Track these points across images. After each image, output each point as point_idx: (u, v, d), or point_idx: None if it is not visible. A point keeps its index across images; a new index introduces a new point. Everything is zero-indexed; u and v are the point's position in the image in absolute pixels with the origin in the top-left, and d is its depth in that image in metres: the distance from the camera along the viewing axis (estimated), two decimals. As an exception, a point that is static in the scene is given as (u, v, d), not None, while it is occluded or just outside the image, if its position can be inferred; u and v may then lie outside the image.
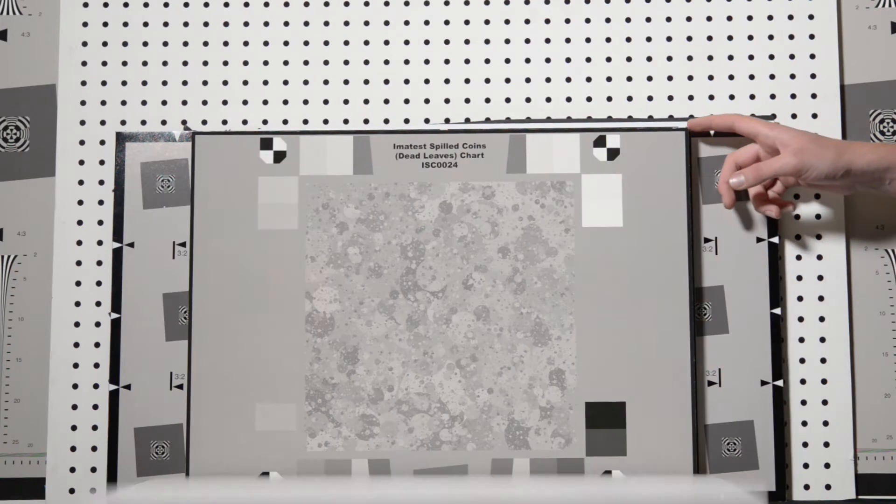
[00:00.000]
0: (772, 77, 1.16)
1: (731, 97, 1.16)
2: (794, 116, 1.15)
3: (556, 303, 1.11)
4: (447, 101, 1.17)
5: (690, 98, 1.16)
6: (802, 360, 1.13)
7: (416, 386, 1.11)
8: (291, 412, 1.10)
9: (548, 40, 1.17)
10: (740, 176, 1.07)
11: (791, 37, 1.16)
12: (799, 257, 1.14)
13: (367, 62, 1.18)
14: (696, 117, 1.14)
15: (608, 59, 1.17)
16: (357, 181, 1.12)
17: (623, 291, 1.11)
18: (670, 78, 1.17)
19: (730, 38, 1.17)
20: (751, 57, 1.16)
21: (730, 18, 1.17)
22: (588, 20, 1.17)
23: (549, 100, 1.17)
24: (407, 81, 1.17)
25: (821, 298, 1.14)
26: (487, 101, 1.17)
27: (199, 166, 1.12)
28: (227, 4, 1.18)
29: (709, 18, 1.17)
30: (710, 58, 1.17)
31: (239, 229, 1.12)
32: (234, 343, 1.11)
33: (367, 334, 1.11)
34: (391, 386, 1.11)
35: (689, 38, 1.17)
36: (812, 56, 1.16)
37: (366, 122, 1.17)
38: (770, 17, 1.17)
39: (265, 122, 1.17)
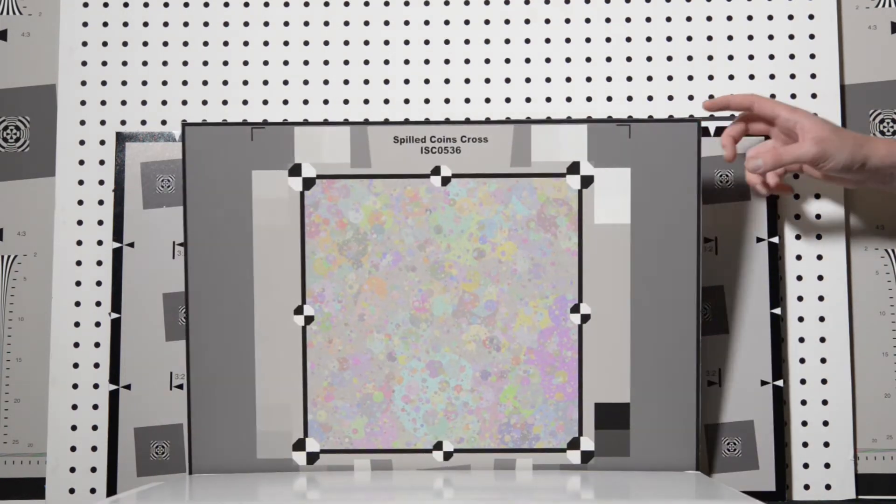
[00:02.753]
0: (772, 77, 1.16)
1: (731, 97, 1.16)
2: (794, 116, 1.16)
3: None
4: (447, 101, 1.17)
5: (690, 98, 1.16)
6: (802, 360, 1.13)
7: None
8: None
9: (548, 40, 1.18)
10: (758, 160, 1.05)
11: (791, 37, 1.16)
12: (799, 257, 1.14)
13: (367, 62, 1.18)
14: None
15: (608, 59, 1.17)
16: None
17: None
18: (670, 78, 1.17)
19: (730, 38, 1.17)
20: (751, 57, 1.16)
21: (730, 18, 1.17)
22: (588, 20, 1.18)
23: (549, 100, 1.17)
24: (407, 81, 1.17)
25: (821, 298, 1.14)
26: (487, 101, 1.17)
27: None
28: (227, 4, 1.18)
29: (709, 18, 1.17)
30: (710, 58, 1.17)
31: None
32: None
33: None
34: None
35: (689, 38, 1.17)
36: (812, 56, 1.16)
37: (366, 122, 1.16)
38: (770, 17, 1.17)
39: (265, 121, 1.16)
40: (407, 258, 1.11)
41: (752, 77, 1.16)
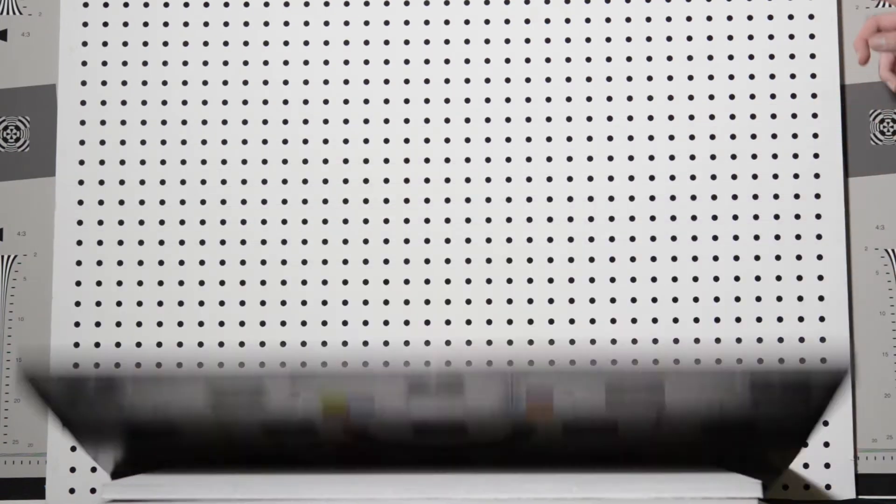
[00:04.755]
0: (772, 77, 1.16)
1: (732, 97, 1.16)
2: (794, 116, 1.15)
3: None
4: (447, 100, 1.17)
5: (690, 98, 1.16)
6: (802, 361, 1.13)
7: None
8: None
9: (548, 40, 1.17)
10: (881, 38, 1.06)
11: (791, 37, 1.16)
12: (799, 257, 1.14)
13: (367, 62, 1.17)
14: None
15: (608, 59, 1.17)
16: None
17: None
18: (670, 78, 1.17)
19: (730, 37, 1.17)
20: (751, 57, 1.16)
21: (730, 18, 1.17)
22: (588, 20, 1.17)
23: (549, 100, 1.17)
24: (407, 81, 1.17)
25: (821, 298, 1.13)
26: (487, 100, 1.17)
27: None
28: (227, 4, 1.18)
29: (709, 18, 1.17)
30: (710, 58, 1.17)
31: None
32: None
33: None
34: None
35: (689, 38, 1.17)
36: (812, 56, 1.16)
37: (366, 122, 1.16)
38: (770, 17, 1.16)
39: (265, 122, 1.16)
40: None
41: (752, 77, 1.16)
